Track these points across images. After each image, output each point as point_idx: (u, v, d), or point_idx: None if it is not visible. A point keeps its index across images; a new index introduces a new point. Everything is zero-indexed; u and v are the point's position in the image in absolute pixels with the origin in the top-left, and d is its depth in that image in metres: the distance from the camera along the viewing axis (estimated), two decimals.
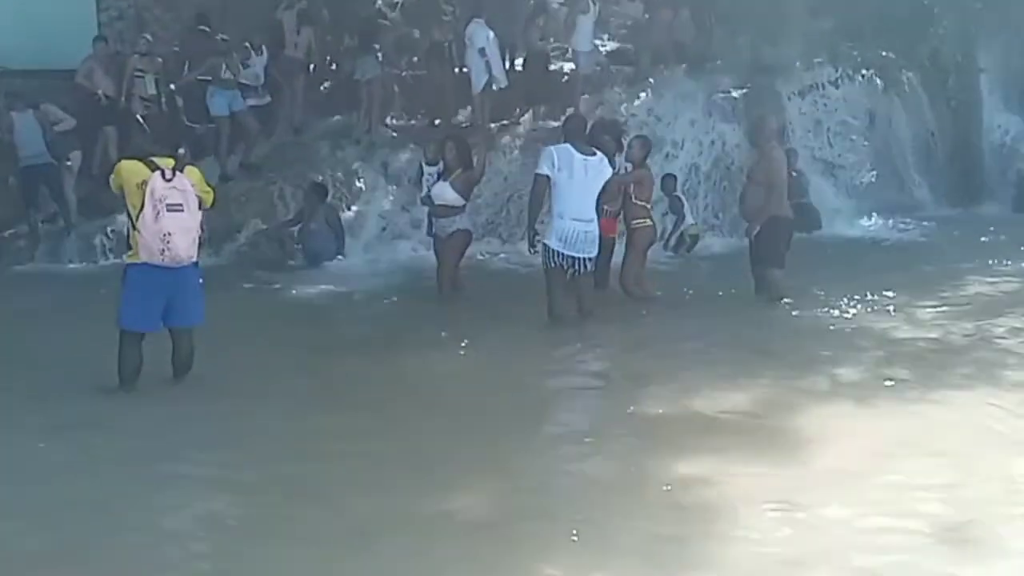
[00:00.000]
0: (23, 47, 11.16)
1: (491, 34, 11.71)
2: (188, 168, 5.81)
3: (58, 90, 11.02)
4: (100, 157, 11.08)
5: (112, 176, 5.81)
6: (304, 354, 6.71)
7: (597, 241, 7.34)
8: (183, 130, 11.11)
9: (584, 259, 7.26)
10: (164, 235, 5.52)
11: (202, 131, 11.41)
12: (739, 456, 4.66)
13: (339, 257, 10.34)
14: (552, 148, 7.37)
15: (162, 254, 5.55)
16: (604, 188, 7.37)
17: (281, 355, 6.68)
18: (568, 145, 7.26)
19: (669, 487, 4.29)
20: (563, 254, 7.18)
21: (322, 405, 5.65)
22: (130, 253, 5.72)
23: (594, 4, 12.55)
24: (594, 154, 7.30)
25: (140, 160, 5.72)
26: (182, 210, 5.57)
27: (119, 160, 6.22)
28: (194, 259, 5.74)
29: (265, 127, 11.79)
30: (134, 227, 5.59)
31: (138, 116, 10.86)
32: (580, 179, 7.17)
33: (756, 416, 5.30)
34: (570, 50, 12.80)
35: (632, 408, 5.45)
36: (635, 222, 8.23)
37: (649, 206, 8.43)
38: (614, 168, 7.85)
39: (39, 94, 10.70)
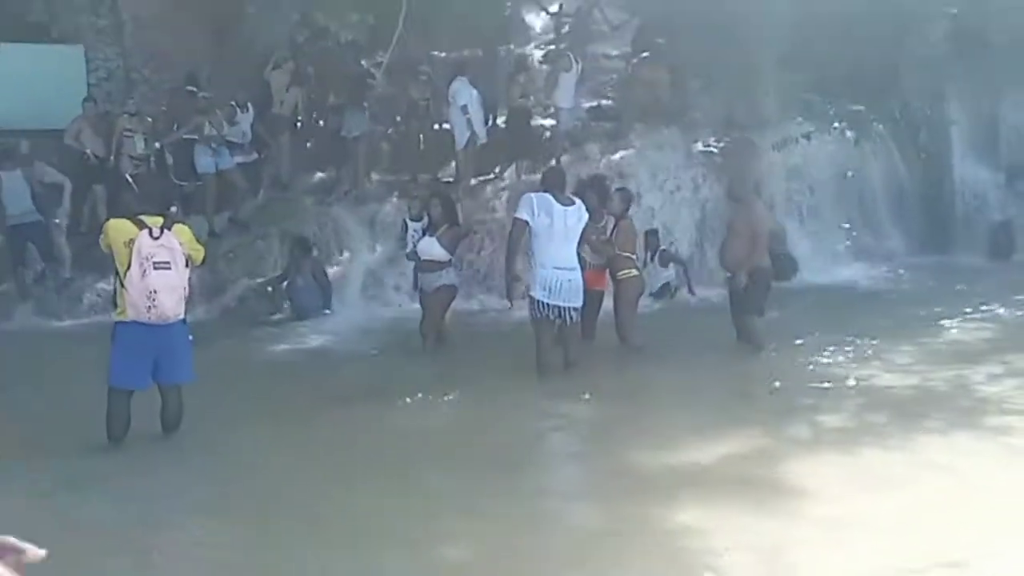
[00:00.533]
0: (12, 107, 11.32)
1: (474, 92, 11.97)
2: (177, 226, 5.92)
3: (48, 149, 11.18)
4: (89, 216, 11.21)
5: (101, 235, 5.90)
6: (292, 409, 6.76)
7: (581, 290, 7.42)
8: (172, 188, 11.26)
9: (570, 308, 7.32)
10: (150, 293, 5.59)
11: (190, 189, 11.58)
12: (726, 504, 4.74)
13: (326, 311, 10.44)
14: (531, 195, 7.48)
15: (148, 311, 5.62)
16: (582, 237, 7.50)
17: (269, 410, 6.72)
18: (546, 194, 7.38)
19: (656, 536, 4.37)
20: (548, 304, 7.24)
21: (311, 460, 5.68)
22: (118, 311, 5.80)
23: (576, 63, 12.89)
24: (573, 203, 7.44)
25: (128, 219, 5.82)
26: (169, 268, 5.66)
27: (107, 219, 6.32)
28: (181, 316, 5.81)
29: (252, 184, 11.96)
30: (122, 284, 5.67)
31: (127, 175, 11.02)
32: (560, 228, 7.27)
33: (742, 464, 5.38)
34: (552, 107, 13.09)
35: (618, 457, 5.53)
36: (621, 273, 8.34)
37: (634, 257, 8.59)
38: (601, 221, 8.06)
39: (28, 153, 10.83)
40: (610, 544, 4.32)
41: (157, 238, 5.66)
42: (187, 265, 5.81)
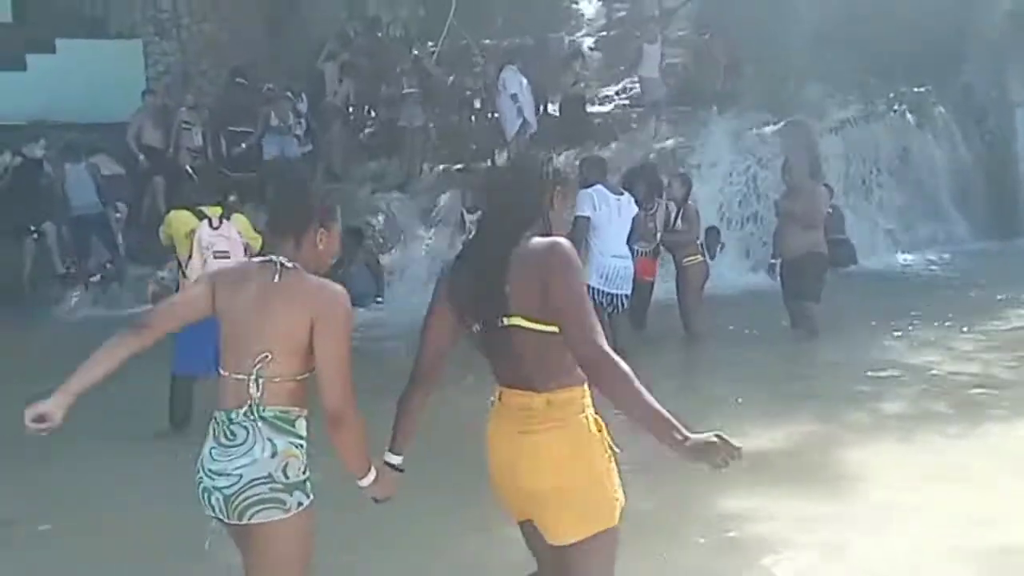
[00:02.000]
0: (76, 102, 11.57)
1: (524, 80, 11.96)
2: (236, 216, 6.01)
3: (109, 142, 11.41)
4: (148, 207, 11.43)
5: (162, 227, 6.02)
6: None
7: (632, 277, 7.48)
8: (229, 179, 11.43)
9: (622, 296, 7.39)
10: None
11: (247, 180, 11.72)
12: (784, 492, 4.70)
13: (378, 300, 10.52)
14: (590, 191, 7.43)
15: None
16: (633, 227, 7.54)
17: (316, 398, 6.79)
18: (600, 186, 7.42)
19: (711, 520, 4.34)
20: (603, 291, 7.27)
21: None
22: None
23: (660, 34, 13.07)
24: (622, 193, 7.53)
25: (188, 209, 5.95)
26: (228, 257, 5.73)
27: (168, 210, 6.45)
28: None
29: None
30: (184, 275, 5.79)
31: (187, 167, 11.20)
32: (615, 219, 7.34)
33: (800, 452, 5.33)
34: (637, 78, 13.25)
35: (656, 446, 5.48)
36: (686, 260, 8.37)
37: (698, 242, 8.56)
38: (652, 208, 8.03)
39: (92, 147, 11.09)
40: (665, 530, 4.30)
41: (216, 228, 5.76)
42: (246, 254, 5.88)
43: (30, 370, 7.61)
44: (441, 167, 12.76)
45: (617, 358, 2.33)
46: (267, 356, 2.54)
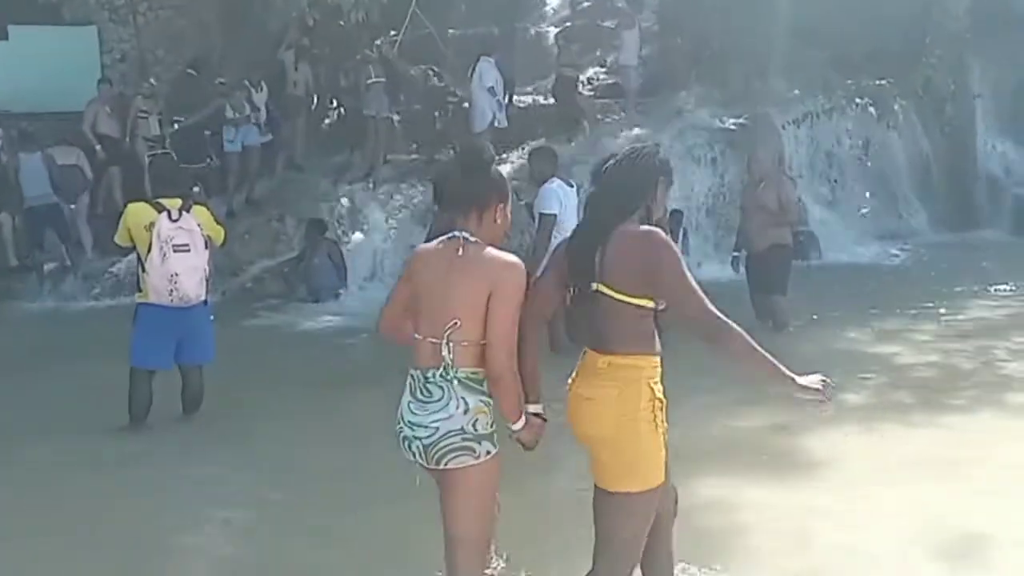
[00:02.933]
0: (29, 90, 11.31)
1: (498, 74, 11.86)
2: (196, 208, 5.88)
3: (64, 132, 11.16)
4: (105, 197, 11.21)
5: (120, 220, 5.84)
6: (308, 388, 6.76)
7: None
8: (187, 170, 11.22)
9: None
10: (171, 276, 5.59)
11: (204, 170, 11.53)
12: (753, 479, 4.72)
13: (341, 291, 10.41)
14: (554, 187, 7.36)
15: (171, 295, 5.62)
16: None
17: (286, 390, 6.73)
18: (557, 180, 7.36)
19: (680, 513, 4.30)
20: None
21: (329, 438, 5.66)
22: (140, 293, 5.79)
23: (636, 22, 13.13)
24: (572, 185, 7.48)
25: (147, 202, 5.83)
26: (189, 250, 5.64)
27: (126, 204, 6.29)
28: (203, 298, 5.80)
29: (266, 164, 11.91)
30: (143, 268, 5.66)
31: (144, 157, 11.00)
32: (572, 210, 7.23)
33: (767, 440, 5.33)
34: (617, 66, 13.29)
35: None
36: None
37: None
38: None
39: (46, 136, 10.84)
40: None
41: (176, 220, 5.63)
42: (207, 247, 5.78)
43: None
44: (405, 158, 12.64)
45: (730, 322, 2.88)
46: (456, 323, 2.93)
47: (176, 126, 11.69)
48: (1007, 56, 14.52)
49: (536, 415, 3.05)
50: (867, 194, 13.36)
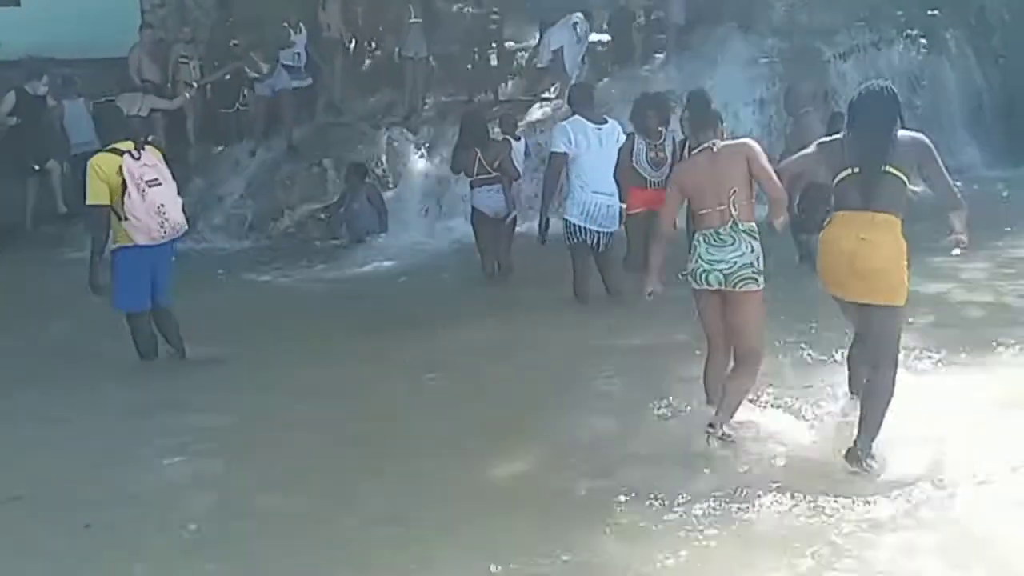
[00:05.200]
0: (69, 37, 11.34)
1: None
2: (150, 147, 5.97)
3: (105, 78, 11.22)
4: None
5: (89, 179, 5.77)
6: (348, 332, 6.82)
7: (618, 216, 7.20)
8: (221, 113, 11.34)
9: (603, 233, 7.10)
10: (159, 208, 5.69)
11: (233, 115, 11.58)
12: (782, 418, 4.71)
13: (382, 235, 10.44)
14: (565, 124, 7.18)
15: (162, 227, 5.73)
16: (618, 160, 7.22)
17: (324, 333, 6.81)
18: (579, 117, 7.12)
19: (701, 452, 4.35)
20: (585, 228, 7.02)
21: (365, 381, 5.72)
22: (116, 242, 5.85)
23: None
24: (605, 122, 7.18)
25: (106, 151, 5.80)
26: (161, 183, 5.76)
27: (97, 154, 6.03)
28: (186, 226, 5.99)
29: (306, 108, 11.90)
30: (124, 217, 5.67)
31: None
32: (596, 150, 7.02)
33: (805, 383, 5.27)
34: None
35: (672, 377, 5.45)
36: None
37: None
38: (661, 139, 7.74)
39: (86, 83, 10.91)
40: (665, 463, 4.30)
41: (138, 159, 5.71)
42: (173, 177, 5.91)
43: (32, 309, 7.66)
44: (445, 99, 12.55)
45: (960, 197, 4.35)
46: (735, 190, 4.48)
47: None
48: None
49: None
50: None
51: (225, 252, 10.23)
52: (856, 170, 4.15)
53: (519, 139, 8.84)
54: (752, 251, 4.48)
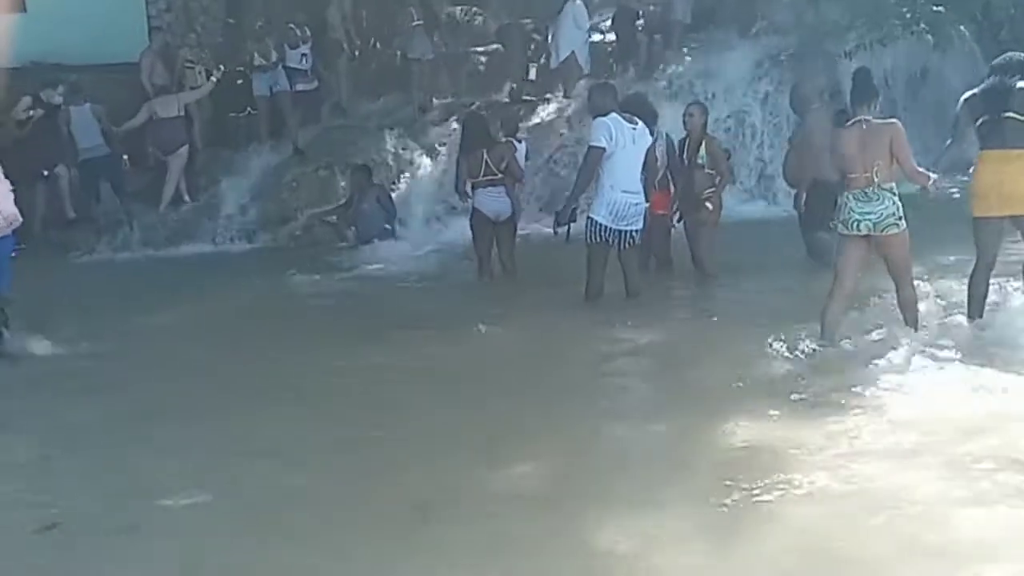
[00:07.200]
0: (76, 43, 11.41)
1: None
2: None
3: (112, 83, 11.27)
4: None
5: None
6: (357, 333, 6.81)
7: (643, 215, 7.19)
8: (229, 118, 11.36)
9: (631, 232, 7.07)
10: None
11: (242, 119, 11.63)
12: (798, 423, 4.68)
13: (391, 237, 10.45)
14: (606, 120, 7.02)
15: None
16: (645, 161, 7.18)
17: (333, 334, 6.81)
18: (615, 114, 7.06)
19: (714, 453, 4.32)
20: (611, 228, 6.97)
21: (375, 382, 5.70)
22: None
23: None
24: (636, 123, 7.12)
25: None
26: None
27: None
28: (20, 219, 6.26)
29: (312, 111, 11.94)
30: None
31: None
32: (630, 149, 6.98)
33: (810, 385, 5.25)
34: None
35: (684, 381, 5.47)
36: (707, 192, 7.82)
37: (717, 177, 7.93)
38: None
39: (94, 88, 10.96)
40: (677, 466, 4.29)
41: None
42: (5, 176, 6.10)
43: (41, 314, 7.68)
44: (451, 100, 12.57)
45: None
46: (878, 163, 5.47)
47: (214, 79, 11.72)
48: None
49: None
50: (923, 125, 12.97)
51: (232, 255, 10.27)
52: (985, 117, 5.65)
53: (521, 141, 8.83)
54: (893, 204, 5.49)
